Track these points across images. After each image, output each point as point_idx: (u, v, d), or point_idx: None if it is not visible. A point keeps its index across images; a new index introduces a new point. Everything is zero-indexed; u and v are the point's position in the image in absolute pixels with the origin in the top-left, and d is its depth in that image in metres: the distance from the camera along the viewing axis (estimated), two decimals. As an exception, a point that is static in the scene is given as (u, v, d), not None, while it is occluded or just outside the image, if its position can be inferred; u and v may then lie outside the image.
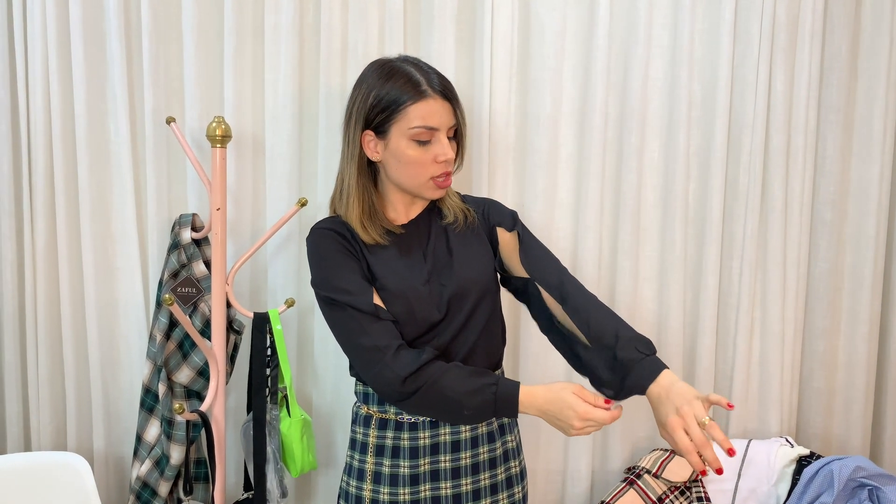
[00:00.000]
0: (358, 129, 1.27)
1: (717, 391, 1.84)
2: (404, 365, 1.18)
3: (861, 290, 1.82)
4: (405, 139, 1.24)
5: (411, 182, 1.28)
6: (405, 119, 1.23)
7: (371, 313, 1.22)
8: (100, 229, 1.75)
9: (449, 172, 1.29)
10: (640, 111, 1.74)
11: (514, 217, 1.39)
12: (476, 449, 1.32)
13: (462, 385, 1.17)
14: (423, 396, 1.18)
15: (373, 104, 1.25)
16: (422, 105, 1.23)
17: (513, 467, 1.37)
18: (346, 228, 1.30)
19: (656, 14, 1.74)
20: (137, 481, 1.67)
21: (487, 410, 1.18)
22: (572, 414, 1.12)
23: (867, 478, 1.59)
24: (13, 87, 1.72)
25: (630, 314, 1.79)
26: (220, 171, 1.59)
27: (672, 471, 1.70)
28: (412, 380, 1.17)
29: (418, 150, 1.25)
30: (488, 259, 1.35)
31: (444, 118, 1.25)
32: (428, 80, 1.24)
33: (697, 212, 1.80)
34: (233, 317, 1.70)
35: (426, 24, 1.72)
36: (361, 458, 1.32)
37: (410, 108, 1.23)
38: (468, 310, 1.29)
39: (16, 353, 1.78)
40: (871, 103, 1.78)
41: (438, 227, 1.35)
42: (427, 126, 1.23)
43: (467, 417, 1.19)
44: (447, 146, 1.25)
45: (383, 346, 1.20)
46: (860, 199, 1.81)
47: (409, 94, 1.23)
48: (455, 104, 1.27)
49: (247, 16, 1.71)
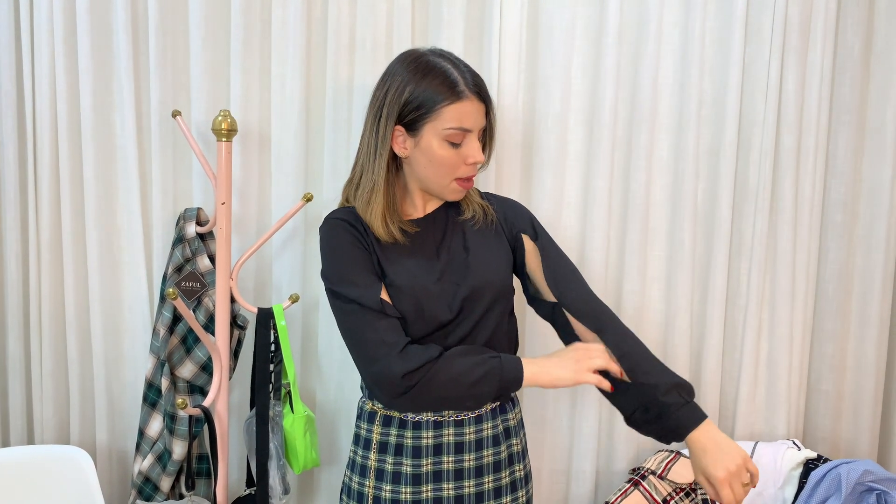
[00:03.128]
0: (390, 123, 1.24)
1: (723, 393, 1.83)
2: (410, 360, 1.17)
3: (871, 293, 1.80)
4: (437, 139, 1.22)
5: (437, 181, 1.27)
6: (440, 119, 1.21)
7: (377, 310, 1.21)
8: (104, 222, 1.74)
9: (474, 175, 1.28)
10: (650, 110, 1.73)
11: (533, 224, 1.37)
12: (480, 452, 1.30)
13: (465, 361, 1.19)
14: (426, 385, 1.17)
15: (407, 100, 1.22)
16: (458, 106, 1.21)
17: (517, 471, 1.35)
18: (359, 221, 1.29)
19: (667, 12, 1.72)
20: (139, 476, 1.67)
21: (493, 379, 1.19)
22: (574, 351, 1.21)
23: (875, 482, 1.58)
24: (19, 80, 1.72)
25: (637, 314, 1.78)
26: (225, 165, 1.58)
27: (677, 472, 1.68)
28: (415, 374, 1.17)
29: (450, 150, 1.23)
30: (506, 261, 1.33)
31: (478, 119, 1.24)
32: (465, 80, 1.22)
33: (706, 212, 1.79)
34: (237, 312, 1.70)
35: (435, 20, 1.71)
36: (364, 454, 1.31)
37: (446, 109, 1.21)
38: (481, 311, 1.27)
39: (20, 346, 1.78)
40: (884, 104, 1.76)
41: (456, 224, 1.33)
42: (461, 128, 1.22)
43: (472, 394, 1.19)
44: (478, 148, 1.24)
45: (391, 341, 1.18)
46: (871, 200, 1.79)
47: (446, 94, 1.21)
48: (489, 105, 1.27)
49: (254, 10, 1.71)
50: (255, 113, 1.74)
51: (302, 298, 1.76)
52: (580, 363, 1.20)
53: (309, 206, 1.75)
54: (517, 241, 1.35)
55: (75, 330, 1.75)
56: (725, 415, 1.84)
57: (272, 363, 1.65)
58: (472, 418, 1.29)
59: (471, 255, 1.29)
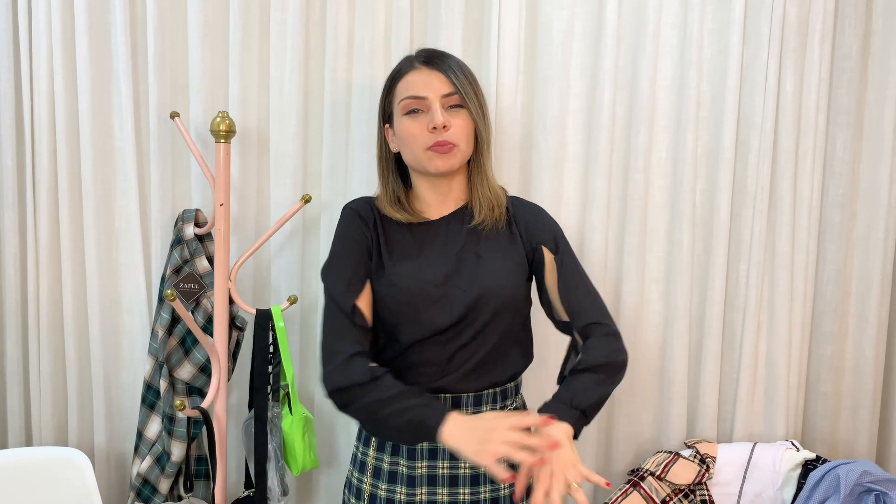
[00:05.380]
0: (380, 124, 1.33)
1: (722, 394, 1.83)
2: (343, 377, 1.16)
3: (869, 294, 1.80)
4: (400, 115, 1.26)
5: (414, 157, 1.27)
6: (397, 95, 1.27)
7: (347, 314, 1.21)
8: (103, 224, 1.74)
9: (446, 142, 1.23)
10: (648, 111, 1.73)
11: (556, 237, 1.32)
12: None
13: (392, 405, 1.12)
14: (352, 407, 1.17)
15: (382, 95, 1.32)
16: (406, 78, 1.27)
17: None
18: (372, 211, 1.32)
19: (665, 13, 1.73)
20: (138, 478, 1.67)
21: (413, 430, 1.12)
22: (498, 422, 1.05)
23: (874, 483, 1.58)
24: (17, 81, 1.71)
25: (636, 315, 1.78)
26: (223, 166, 1.58)
27: (676, 473, 1.68)
28: (343, 394, 1.16)
29: (411, 121, 1.25)
30: (518, 271, 1.29)
31: (434, 86, 1.24)
32: (415, 57, 1.28)
33: (705, 213, 1.79)
34: (235, 313, 1.70)
35: (433, 22, 1.71)
36: (364, 450, 1.32)
37: (398, 85, 1.28)
38: (485, 320, 1.24)
39: (18, 348, 1.77)
40: (882, 105, 1.76)
41: (470, 229, 1.30)
42: (413, 95, 1.25)
43: (389, 435, 1.22)
44: (438, 112, 1.22)
45: (338, 350, 1.18)
46: (869, 201, 1.79)
47: (396, 73, 1.29)
48: (447, 72, 1.25)
49: (253, 11, 1.71)
50: (253, 114, 1.74)
51: (300, 300, 1.76)
52: (485, 446, 1.03)
53: (307, 208, 1.75)
54: (536, 252, 1.31)
55: (73, 331, 1.75)
56: (724, 416, 1.84)
57: (271, 365, 1.65)
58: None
59: (481, 261, 1.27)
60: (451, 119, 1.24)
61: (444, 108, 1.24)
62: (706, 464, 1.70)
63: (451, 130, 1.23)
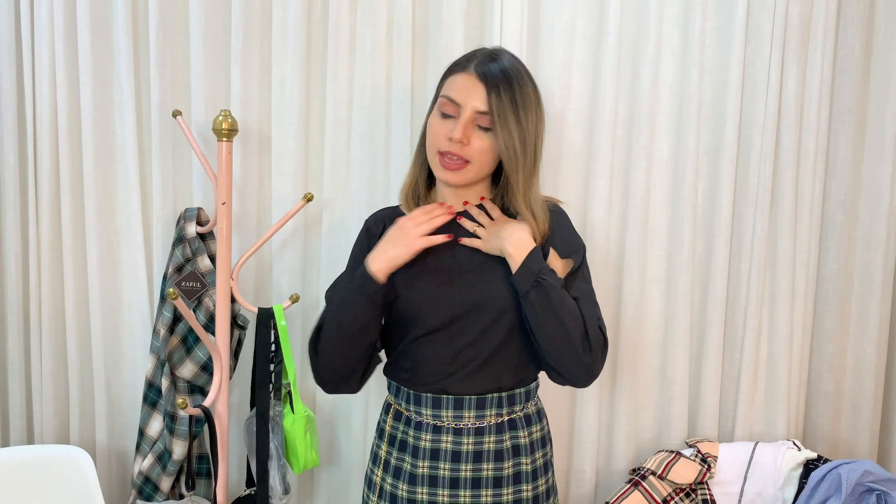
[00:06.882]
0: (430, 110, 1.30)
1: (723, 393, 1.83)
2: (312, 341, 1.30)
3: (871, 293, 1.80)
4: (436, 108, 1.25)
5: (429, 155, 1.26)
6: (443, 88, 1.26)
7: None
8: (104, 222, 1.74)
9: (458, 157, 1.21)
10: (650, 110, 1.73)
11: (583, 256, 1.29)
12: (479, 464, 1.26)
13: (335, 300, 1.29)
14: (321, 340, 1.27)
15: (439, 81, 1.29)
16: (457, 76, 1.23)
17: (524, 490, 1.28)
18: (383, 220, 1.33)
19: (667, 13, 1.72)
20: (139, 476, 1.67)
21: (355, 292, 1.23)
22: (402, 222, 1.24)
23: (875, 482, 1.58)
24: (19, 79, 1.72)
25: (637, 314, 1.78)
26: (225, 165, 1.58)
27: (677, 472, 1.68)
28: (314, 341, 1.29)
29: (439, 121, 1.23)
30: None
31: (472, 98, 1.19)
32: (476, 61, 1.23)
33: (706, 212, 1.79)
34: (237, 312, 1.70)
35: (435, 21, 1.71)
36: (378, 443, 1.35)
37: (449, 79, 1.25)
38: (486, 322, 1.24)
39: (19, 346, 1.77)
40: (884, 104, 1.76)
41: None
42: (450, 97, 1.22)
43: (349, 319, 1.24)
44: (462, 126, 1.19)
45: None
46: (871, 200, 1.79)
47: (457, 63, 1.26)
48: (490, 91, 1.18)
49: (254, 10, 1.71)
50: (255, 113, 1.74)
51: (302, 298, 1.76)
52: (407, 240, 1.22)
53: (309, 206, 1.75)
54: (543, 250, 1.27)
55: (75, 330, 1.75)
56: (725, 415, 1.84)
57: (272, 363, 1.65)
58: (471, 429, 1.26)
59: (485, 265, 1.26)
60: (474, 136, 1.20)
61: (472, 123, 1.20)
62: (707, 463, 1.70)
63: (468, 147, 1.20)
